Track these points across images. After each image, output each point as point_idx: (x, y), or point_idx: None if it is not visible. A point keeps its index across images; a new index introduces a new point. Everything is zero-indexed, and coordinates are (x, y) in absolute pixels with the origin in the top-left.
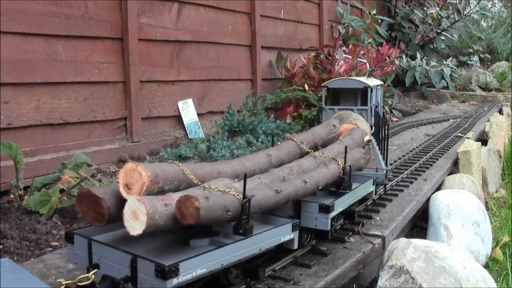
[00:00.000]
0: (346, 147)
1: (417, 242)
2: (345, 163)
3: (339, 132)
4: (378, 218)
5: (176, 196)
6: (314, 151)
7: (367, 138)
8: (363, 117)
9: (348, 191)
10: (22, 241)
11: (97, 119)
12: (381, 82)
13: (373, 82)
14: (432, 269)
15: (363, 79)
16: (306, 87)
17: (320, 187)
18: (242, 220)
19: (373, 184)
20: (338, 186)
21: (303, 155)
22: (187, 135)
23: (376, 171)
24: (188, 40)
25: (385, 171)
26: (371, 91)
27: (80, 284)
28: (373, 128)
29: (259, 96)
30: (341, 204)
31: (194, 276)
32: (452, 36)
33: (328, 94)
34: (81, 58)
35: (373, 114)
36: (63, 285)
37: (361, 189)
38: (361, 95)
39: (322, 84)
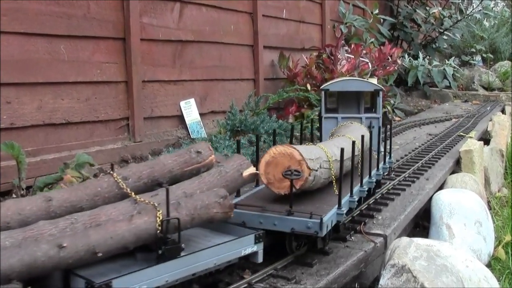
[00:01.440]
0: (167, 190)
1: (419, 241)
2: (168, 214)
3: (206, 161)
4: (380, 217)
5: None
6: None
7: (248, 171)
8: (373, 128)
9: (175, 257)
10: None
11: (100, 119)
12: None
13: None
14: (434, 268)
15: (369, 80)
16: (309, 86)
17: (100, 254)
18: None
19: (258, 242)
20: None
21: (125, 197)
22: (189, 134)
23: (310, 217)
24: (190, 40)
25: (319, 219)
26: (378, 94)
27: None
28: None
29: (261, 95)
30: (141, 282)
31: None
32: (454, 36)
33: (327, 99)
34: (84, 58)
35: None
36: None
37: (212, 254)
38: (366, 99)
39: (321, 87)
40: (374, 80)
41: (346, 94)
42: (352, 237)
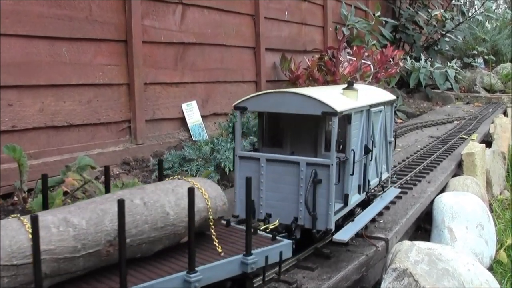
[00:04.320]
0: None
1: (421, 244)
2: None
3: None
4: (381, 221)
5: None
6: None
7: None
8: (319, 184)
9: None
10: None
11: (101, 121)
12: (392, 97)
13: (363, 96)
14: (435, 271)
15: (323, 95)
16: None
17: None
18: None
19: None
20: None
21: None
22: (191, 137)
23: None
24: (192, 42)
25: None
26: (349, 120)
27: None
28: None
29: None
30: None
31: None
32: (456, 38)
33: (262, 122)
34: (85, 60)
35: (358, 182)
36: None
37: None
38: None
39: (234, 104)
40: (363, 89)
41: (297, 118)
42: (354, 241)
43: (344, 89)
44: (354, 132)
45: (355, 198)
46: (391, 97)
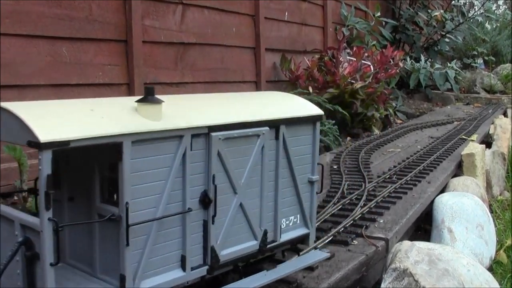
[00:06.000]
0: None
1: (421, 244)
2: None
3: None
4: (381, 221)
5: None
6: None
7: None
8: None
9: None
10: None
11: None
12: (311, 111)
13: (190, 112)
14: (435, 272)
15: (56, 112)
16: (310, 89)
17: None
18: None
19: None
20: None
21: None
22: None
23: None
24: (192, 42)
25: None
26: (119, 155)
27: None
28: None
29: None
30: None
31: None
32: (456, 38)
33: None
34: (86, 60)
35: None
36: None
37: None
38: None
39: None
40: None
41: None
42: (354, 241)
43: (138, 101)
44: (142, 174)
45: (161, 279)
46: (307, 111)
